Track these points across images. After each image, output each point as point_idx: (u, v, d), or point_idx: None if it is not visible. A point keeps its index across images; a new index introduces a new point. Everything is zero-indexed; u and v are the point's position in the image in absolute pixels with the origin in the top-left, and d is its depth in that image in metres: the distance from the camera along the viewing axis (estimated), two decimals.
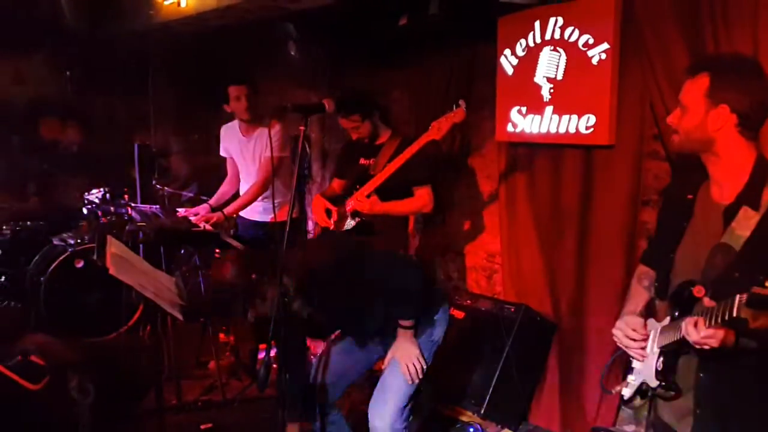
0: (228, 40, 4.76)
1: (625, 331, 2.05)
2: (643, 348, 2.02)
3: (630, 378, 2.10)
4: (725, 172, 1.88)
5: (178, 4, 4.29)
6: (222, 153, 4.69)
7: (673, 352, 1.93)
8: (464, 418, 3.65)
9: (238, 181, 4.64)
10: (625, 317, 2.10)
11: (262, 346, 4.73)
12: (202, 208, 4.44)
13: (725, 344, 1.69)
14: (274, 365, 3.40)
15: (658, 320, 2.03)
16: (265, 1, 3.72)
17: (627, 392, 2.10)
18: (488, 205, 4.17)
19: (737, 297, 1.57)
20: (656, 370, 1.95)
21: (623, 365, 2.18)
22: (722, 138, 1.83)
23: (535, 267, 3.78)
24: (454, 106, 3.29)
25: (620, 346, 2.09)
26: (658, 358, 1.96)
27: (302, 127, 2.58)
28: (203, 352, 4.62)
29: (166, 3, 4.42)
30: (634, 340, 2.03)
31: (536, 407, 3.74)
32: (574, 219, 3.54)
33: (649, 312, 2.16)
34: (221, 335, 4.77)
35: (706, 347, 1.71)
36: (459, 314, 3.90)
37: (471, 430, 3.61)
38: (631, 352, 2.06)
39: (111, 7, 5.05)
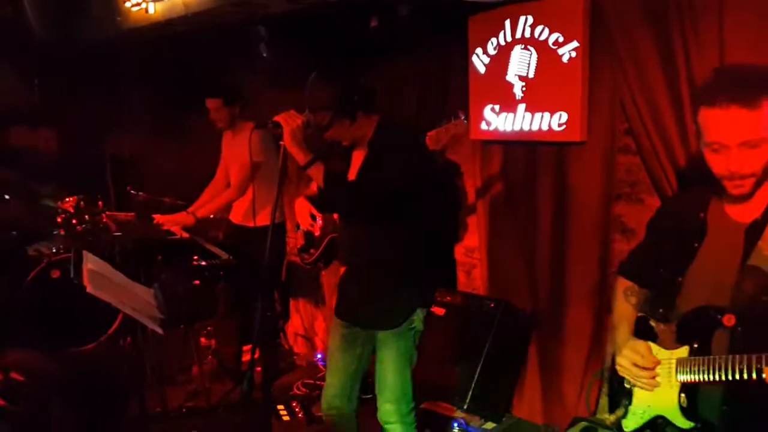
0: (198, 44, 4.73)
1: (632, 359, 1.86)
2: (654, 377, 1.85)
3: (634, 408, 1.93)
4: (756, 192, 1.75)
5: (146, 10, 4.25)
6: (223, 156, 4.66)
7: (696, 387, 1.78)
8: (448, 413, 3.70)
9: (221, 186, 4.61)
10: (629, 343, 1.91)
11: (246, 347, 4.74)
12: (180, 215, 4.42)
13: None
14: (258, 368, 3.39)
15: (665, 346, 1.89)
16: (232, 8, 3.70)
17: (630, 424, 1.93)
18: (465, 201, 4.19)
19: None
20: (681, 407, 1.80)
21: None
22: None
23: (513, 261, 3.82)
24: (453, 118, 3.09)
25: (628, 377, 1.91)
26: (680, 393, 1.81)
27: (283, 143, 2.54)
28: (186, 356, 4.62)
29: (134, 9, 4.38)
30: (645, 368, 1.85)
31: (518, 400, 3.81)
32: (549, 214, 3.59)
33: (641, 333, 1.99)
34: (202, 339, 4.76)
35: None
36: (439, 311, 3.94)
37: (455, 425, 3.65)
38: (639, 383, 1.88)
39: (78, 15, 4.99)
